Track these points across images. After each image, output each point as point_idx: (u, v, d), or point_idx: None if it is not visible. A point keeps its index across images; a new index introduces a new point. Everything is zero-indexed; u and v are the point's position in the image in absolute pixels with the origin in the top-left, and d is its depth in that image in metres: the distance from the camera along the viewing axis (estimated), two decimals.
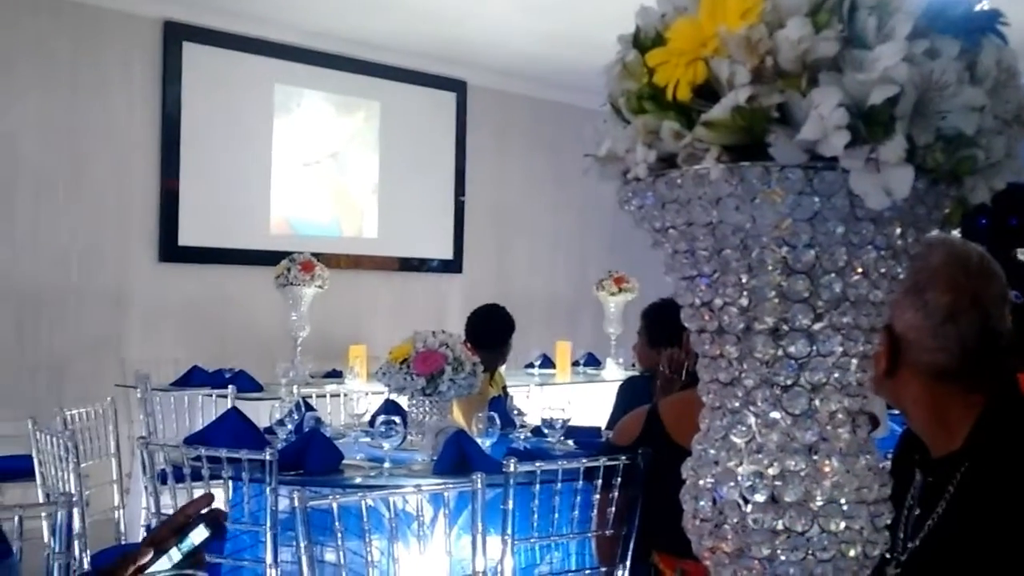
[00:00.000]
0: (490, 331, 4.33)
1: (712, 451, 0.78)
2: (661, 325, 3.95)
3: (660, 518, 2.39)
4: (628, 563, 2.60)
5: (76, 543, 2.46)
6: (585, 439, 3.54)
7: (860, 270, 0.74)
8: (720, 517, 0.76)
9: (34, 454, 3.48)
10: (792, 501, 0.73)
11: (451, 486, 2.51)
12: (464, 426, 3.46)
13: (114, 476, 3.96)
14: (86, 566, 2.91)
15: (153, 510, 2.87)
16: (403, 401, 3.63)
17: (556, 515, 2.57)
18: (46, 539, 2.29)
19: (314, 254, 5.98)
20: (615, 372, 6.72)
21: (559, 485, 2.56)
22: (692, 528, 0.78)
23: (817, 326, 0.74)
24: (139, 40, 6.31)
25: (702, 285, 0.77)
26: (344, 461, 3.09)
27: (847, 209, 0.71)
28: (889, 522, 0.76)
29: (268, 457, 2.66)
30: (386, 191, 7.52)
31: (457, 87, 7.89)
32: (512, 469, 2.47)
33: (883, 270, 0.75)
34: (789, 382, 0.75)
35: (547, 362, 6.86)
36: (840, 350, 0.75)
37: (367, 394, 4.59)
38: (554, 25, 6.66)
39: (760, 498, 0.74)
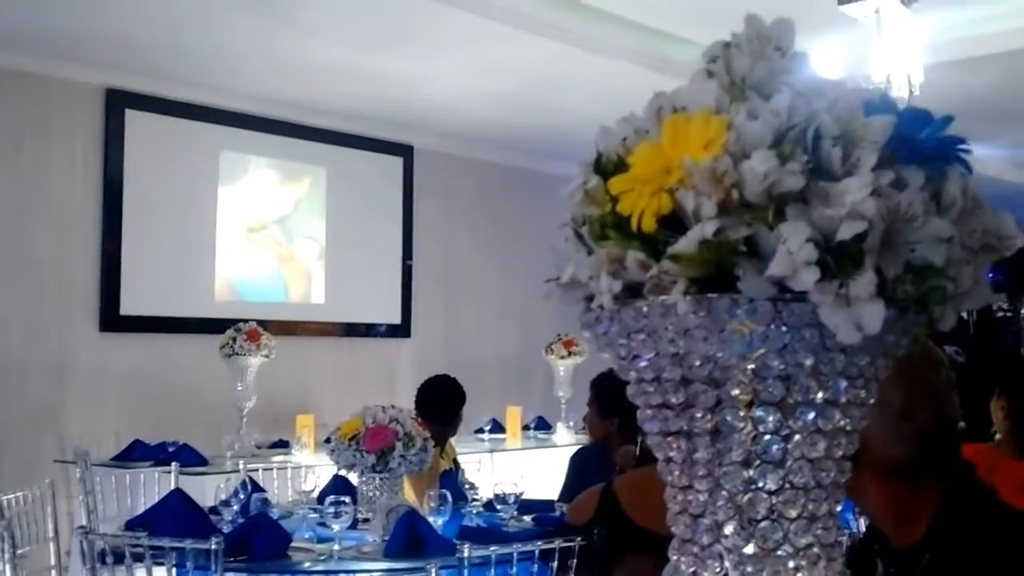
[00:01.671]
0: (441, 404, 4.28)
1: None
2: (611, 395, 3.93)
3: None
4: None
5: None
6: (540, 514, 3.50)
7: (831, 400, 0.72)
8: None
9: None
10: None
11: (404, 571, 2.45)
12: (415, 503, 3.40)
13: (52, 562, 3.83)
14: None
15: None
16: (353, 478, 3.56)
17: None
18: None
19: (260, 321, 5.89)
20: (566, 436, 6.69)
21: (514, 567, 2.52)
22: None
23: (789, 457, 0.72)
24: (81, 108, 6.24)
25: (669, 415, 0.75)
26: (292, 544, 3.01)
27: (816, 340, 0.70)
28: None
29: (214, 546, 2.58)
30: (333, 256, 7.46)
31: (404, 151, 7.90)
32: (467, 554, 2.42)
33: (853, 399, 0.73)
34: (760, 515, 0.72)
35: (497, 427, 6.81)
36: (812, 481, 0.73)
37: (315, 468, 4.51)
38: (502, 88, 6.70)
39: None
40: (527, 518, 3.43)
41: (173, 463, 4.58)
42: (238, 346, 5.53)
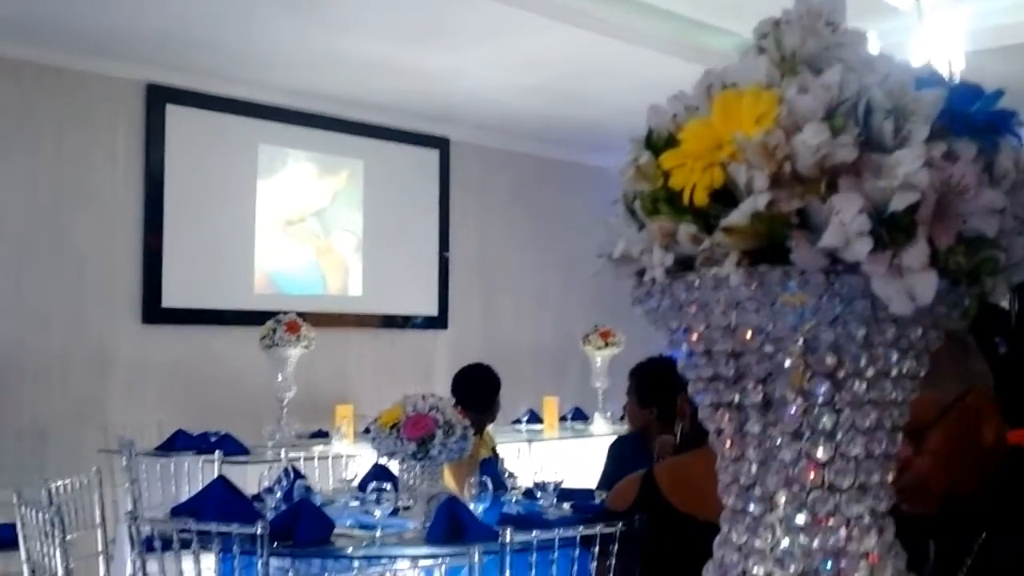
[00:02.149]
0: (477, 392, 4.30)
1: (735, 557, 0.76)
2: (651, 384, 3.94)
3: None
4: None
5: None
6: (579, 502, 3.51)
7: (882, 372, 0.73)
8: None
9: (19, 528, 3.42)
10: None
11: (447, 556, 2.48)
12: (456, 490, 3.42)
13: (99, 548, 3.89)
14: None
15: None
16: (393, 466, 3.60)
17: None
18: None
19: (299, 313, 5.95)
20: (603, 426, 6.70)
21: (555, 553, 2.53)
22: None
23: (840, 429, 0.73)
24: (122, 103, 6.32)
25: (721, 387, 0.76)
26: (335, 530, 3.04)
27: (868, 312, 0.70)
28: None
29: (259, 531, 2.61)
30: (370, 248, 7.51)
31: (440, 144, 7.93)
32: (508, 538, 2.44)
33: (904, 371, 0.74)
34: (814, 484, 0.73)
35: (534, 417, 6.83)
36: (864, 452, 0.73)
37: (355, 457, 4.55)
38: (536, 80, 6.71)
39: None
40: (566, 506, 3.45)
41: (216, 452, 4.64)
42: (278, 337, 5.59)
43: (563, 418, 6.90)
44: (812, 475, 0.73)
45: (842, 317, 0.70)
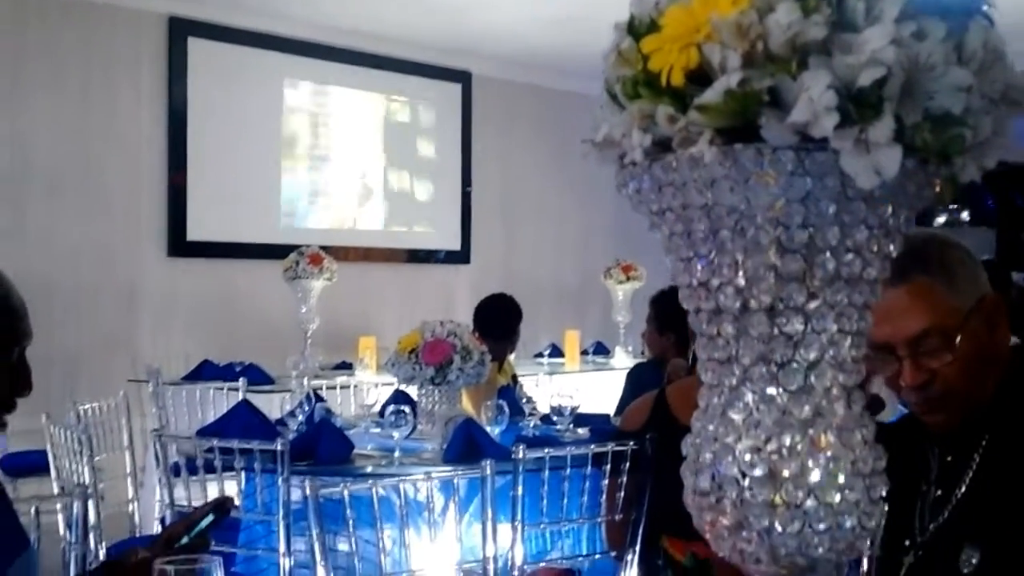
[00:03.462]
0: (498, 320, 4.36)
1: (711, 427, 0.80)
2: (669, 312, 3.97)
3: (669, 502, 2.41)
4: (638, 547, 2.62)
5: (92, 534, 2.48)
6: (596, 426, 3.56)
7: (853, 249, 0.75)
8: (719, 492, 0.77)
9: (48, 448, 3.52)
10: (789, 475, 0.75)
11: (460, 473, 2.54)
12: (473, 414, 3.48)
13: (127, 470, 4.00)
14: (101, 557, 2.94)
15: (167, 502, 2.90)
16: (412, 391, 3.66)
17: (565, 501, 2.60)
18: (62, 531, 2.32)
19: (322, 247, 6.00)
20: (624, 360, 6.74)
21: (568, 471, 2.58)
22: (692, 503, 0.80)
23: (812, 304, 0.76)
24: (145, 36, 6.34)
25: (699, 266, 0.79)
26: (355, 451, 3.11)
27: (839, 189, 0.73)
28: (884, 494, 0.77)
29: (280, 447, 2.68)
30: (393, 183, 7.54)
31: (462, 78, 7.90)
32: (521, 455, 2.49)
33: (875, 248, 0.76)
34: (785, 359, 0.76)
35: (556, 351, 6.88)
36: (834, 327, 0.76)
37: (377, 385, 4.63)
38: (558, 11, 6.66)
39: (758, 473, 0.76)
40: (582, 430, 3.50)
41: (241, 380, 4.73)
42: (301, 269, 5.65)
43: (584, 352, 6.96)
44: (784, 349, 0.76)
45: (813, 194, 0.73)
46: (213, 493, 3.23)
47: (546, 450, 2.57)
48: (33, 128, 5.94)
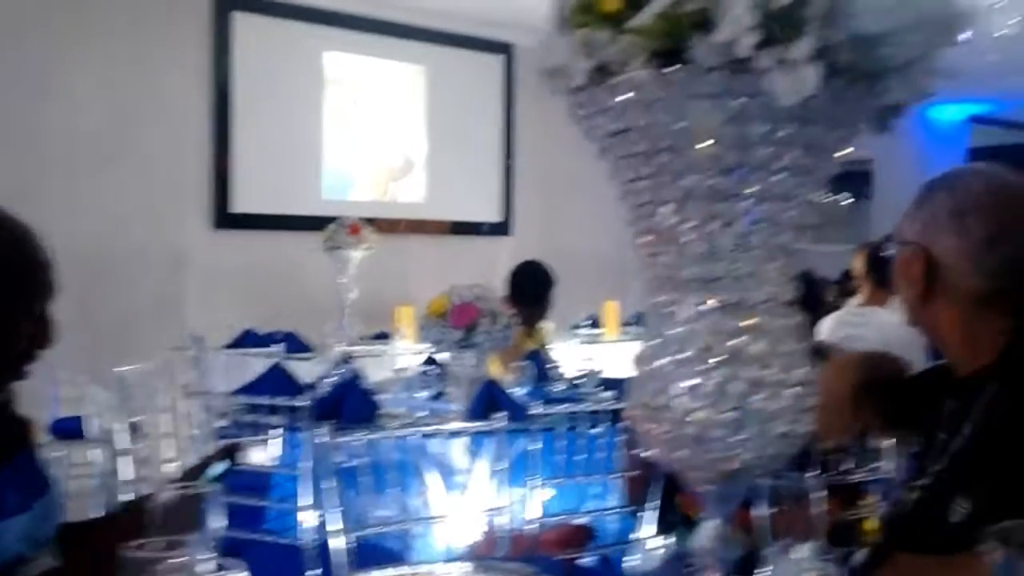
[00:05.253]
0: (530, 285, 4.41)
1: (655, 339, 0.83)
2: None
3: None
4: (658, 502, 2.65)
5: (116, 480, 2.57)
6: (621, 389, 3.59)
7: (786, 167, 0.78)
8: (656, 402, 0.81)
9: (92, 409, 3.62)
10: (721, 384, 0.79)
11: (473, 428, 2.59)
12: (500, 378, 3.52)
13: (168, 430, 4.10)
14: None
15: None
16: (443, 358, 3.71)
17: (584, 457, 2.64)
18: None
19: (364, 219, 6.07)
20: None
21: (586, 428, 2.62)
22: (635, 414, 0.84)
23: (744, 220, 0.79)
24: (190, 9, 6.43)
25: (640, 187, 0.83)
26: (383, 411, 3.17)
27: (769, 109, 0.76)
28: (815, 404, 0.81)
29: (303, 403, 2.75)
30: (435, 155, 7.58)
31: (504, 50, 7.91)
32: (536, 411, 2.54)
33: (807, 166, 0.79)
34: (720, 274, 0.80)
35: (595, 323, 6.90)
36: (765, 244, 0.80)
37: (412, 354, 4.69)
38: None
39: (692, 382, 0.79)
40: (607, 394, 3.53)
41: (278, 347, 4.81)
42: (340, 239, 5.72)
43: (626, 324, 6.96)
44: (718, 264, 0.80)
45: (744, 114, 0.76)
46: (254, 454, 3.32)
47: (564, 406, 2.61)
48: (84, 100, 6.07)
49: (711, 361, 0.79)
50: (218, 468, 1.58)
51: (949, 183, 1.43)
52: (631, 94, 0.78)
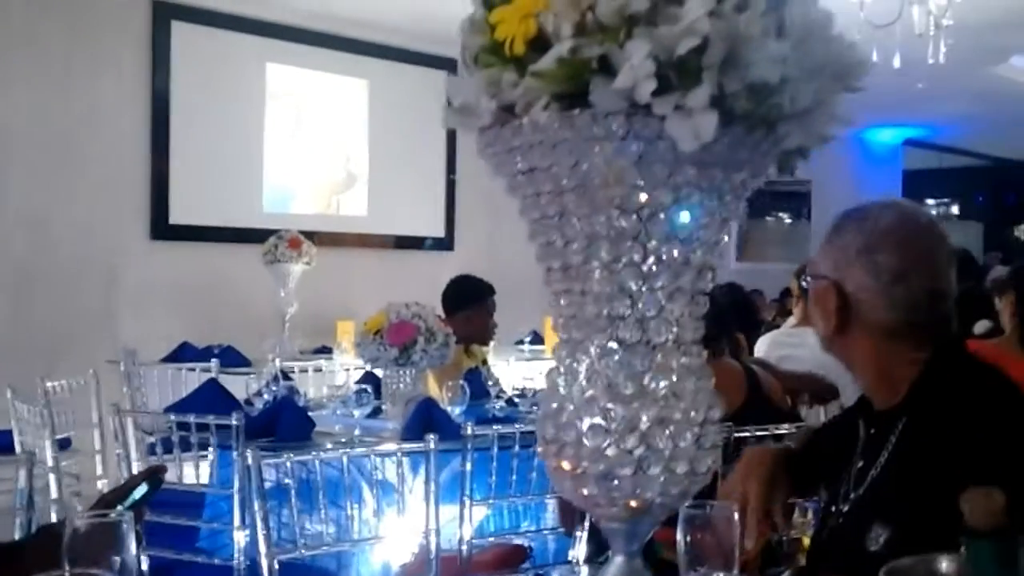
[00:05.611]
0: (456, 295, 4.40)
1: (559, 378, 0.84)
2: None
3: None
4: (587, 524, 2.67)
5: (38, 499, 2.50)
6: None
7: (686, 210, 0.80)
8: (562, 439, 0.82)
9: (13, 424, 3.55)
10: (623, 423, 0.80)
11: (406, 449, 2.58)
12: (438, 396, 3.52)
13: (97, 447, 4.04)
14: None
15: (124, 479, 2.94)
16: (379, 373, 3.69)
17: (514, 478, 2.64)
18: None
19: (306, 232, 6.04)
20: None
21: (516, 447, 2.62)
22: (541, 450, 0.85)
23: (648, 261, 0.80)
24: (129, 19, 6.36)
25: (548, 226, 0.83)
26: (318, 429, 3.15)
27: (670, 153, 0.77)
28: (719, 443, 0.82)
29: (235, 422, 2.72)
30: (376, 169, 7.56)
31: (447, 65, 7.91)
32: (468, 432, 2.54)
33: (710, 211, 0.81)
34: (623, 314, 0.81)
35: (537, 338, 6.93)
36: (669, 284, 0.81)
37: (349, 369, 4.67)
38: None
39: (594, 420, 0.80)
40: None
41: (214, 361, 4.76)
42: (280, 253, 5.68)
43: None
44: (623, 305, 0.81)
45: (645, 157, 0.77)
46: (188, 472, 3.28)
47: (494, 428, 2.61)
48: (16, 110, 5.97)
49: (615, 400, 0.80)
50: (140, 491, 1.55)
51: (859, 218, 1.46)
52: (535, 135, 0.78)
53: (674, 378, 0.81)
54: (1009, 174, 14.01)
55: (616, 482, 0.80)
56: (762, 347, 4.38)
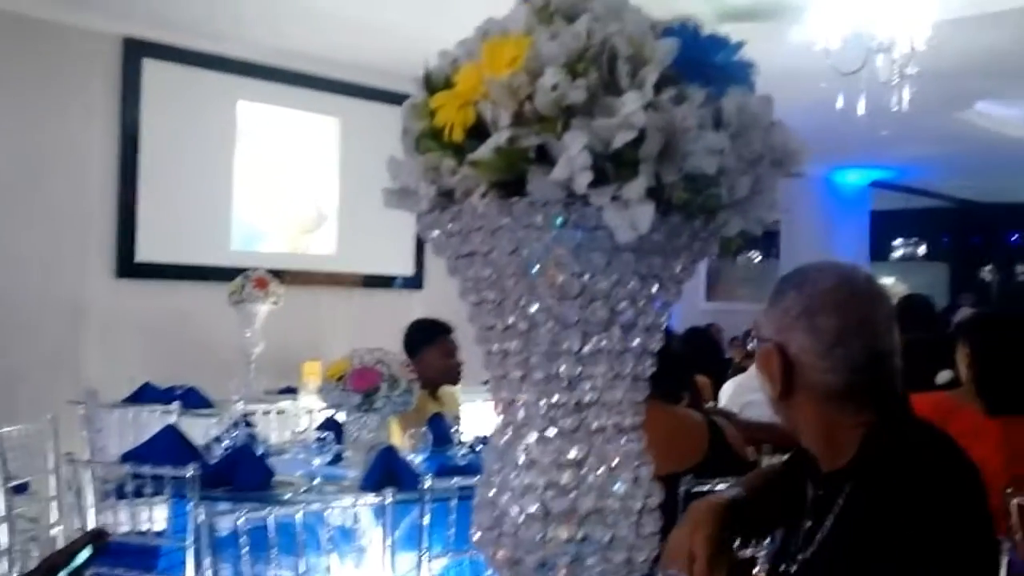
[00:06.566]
0: (411, 338, 4.39)
1: (497, 465, 0.83)
2: None
3: None
4: None
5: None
6: None
7: (626, 297, 0.79)
8: (499, 527, 0.81)
9: None
10: (559, 512, 0.79)
11: (362, 502, 2.55)
12: (400, 443, 3.50)
13: (53, 492, 3.97)
14: None
15: (76, 528, 2.90)
16: (341, 418, 3.67)
17: None
18: None
19: (274, 271, 6.01)
20: None
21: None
22: (478, 537, 0.84)
23: (586, 348, 0.80)
24: (99, 56, 6.33)
25: (487, 310, 0.83)
26: (277, 477, 3.12)
27: (608, 241, 0.77)
28: (656, 530, 0.81)
29: (191, 473, 2.69)
30: (347, 208, 7.55)
31: None
32: (427, 484, 2.52)
33: (650, 297, 0.80)
34: (562, 400, 0.80)
35: None
36: (608, 371, 0.80)
37: (311, 412, 4.63)
38: None
39: (531, 509, 0.79)
40: None
41: (174, 403, 4.71)
42: (246, 293, 5.65)
43: None
44: (561, 391, 0.80)
45: (584, 245, 0.77)
46: (143, 519, 3.23)
47: (454, 479, 2.59)
48: None
49: (552, 488, 0.79)
50: (83, 556, 1.51)
51: (799, 281, 1.47)
52: (474, 221, 0.78)
53: (613, 464, 0.80)
54: (974, 216, 14.21)
55: (552, 573, 0.78)
56: (726, 393, 4.38)
